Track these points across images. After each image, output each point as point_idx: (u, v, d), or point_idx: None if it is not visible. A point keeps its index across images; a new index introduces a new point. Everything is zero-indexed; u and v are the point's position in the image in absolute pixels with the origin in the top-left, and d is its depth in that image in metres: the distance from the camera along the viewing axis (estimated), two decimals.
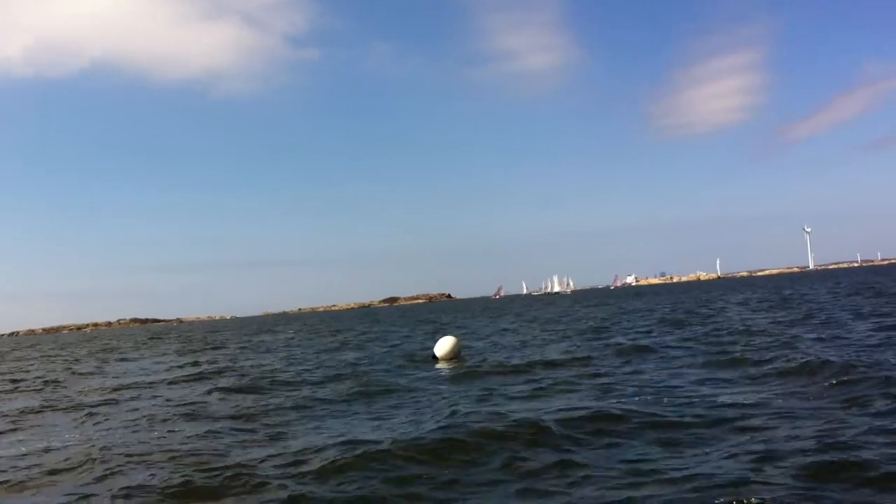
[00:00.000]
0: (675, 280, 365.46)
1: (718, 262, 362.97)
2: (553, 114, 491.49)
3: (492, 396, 15.81)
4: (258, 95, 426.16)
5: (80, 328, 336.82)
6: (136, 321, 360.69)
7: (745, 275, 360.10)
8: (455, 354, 25.53)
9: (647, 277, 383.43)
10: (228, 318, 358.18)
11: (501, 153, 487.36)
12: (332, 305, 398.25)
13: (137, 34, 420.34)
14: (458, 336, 29.22)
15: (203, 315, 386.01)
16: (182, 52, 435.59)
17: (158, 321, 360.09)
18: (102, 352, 58.11)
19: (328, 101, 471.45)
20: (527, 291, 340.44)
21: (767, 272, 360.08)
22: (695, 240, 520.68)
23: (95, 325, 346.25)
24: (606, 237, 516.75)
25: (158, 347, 57.85)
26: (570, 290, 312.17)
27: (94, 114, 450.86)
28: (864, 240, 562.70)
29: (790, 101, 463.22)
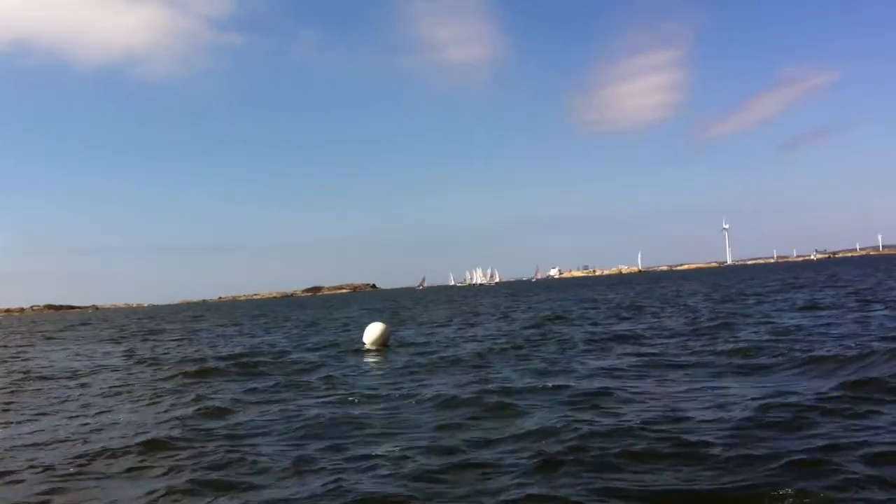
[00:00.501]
0: (598, 273, 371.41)
1: (640, 256, 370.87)
2: (478, 105, 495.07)
3: None
4: (179, 79, 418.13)
5: None
6: (51, 307, 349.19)
7: (666, 269, 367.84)
8: (384, 341, 25.61)
9: (571, 270, 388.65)
10: (146, 306, 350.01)
11: (426, 144, 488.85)
12: (254, 294, 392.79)
13: (55, 13, 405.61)
14: (387, 324, 29.13)
15: (120, 302, 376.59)
16: (101, 33, 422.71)
17: (73, 308, 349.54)
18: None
19: (251, 87, 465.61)
20: (453, 283, 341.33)
21: (687, 267, 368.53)
22: (617, 234, 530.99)
23: (8, 311, 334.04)
24: (529, 230, 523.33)
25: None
26: (495, 283, 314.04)
27: (8, 94, 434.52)
28: (780, 237, 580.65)
29: (710, 100, 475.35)
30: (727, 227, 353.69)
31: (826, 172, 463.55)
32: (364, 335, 26.22)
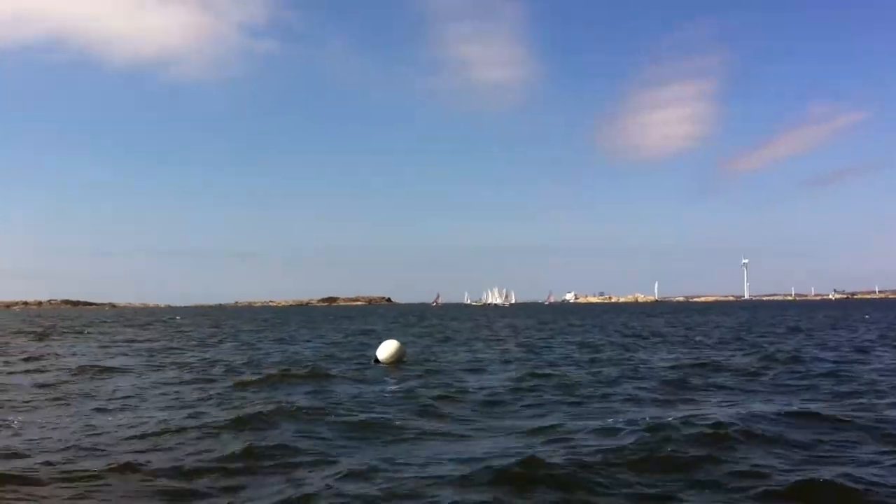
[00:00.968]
0: (614, 300, 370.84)
1: (657, 286, 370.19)
2: (504, 127, 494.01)
3: None
4: (211, 83, 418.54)
5: (9, 306, 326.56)
6: (68, 303, 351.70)
7: (682, 300, 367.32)
8: (398, 359, 26.00)
9: (587, 295, 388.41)
10: (163, 307, 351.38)
11: (449, 163, 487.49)
12: (270, 301, 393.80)
13: (89, 11, 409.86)
14: (403, 342, 29.24)
15: (136, 301, 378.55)
16: (135, 33, 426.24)
17: (90, 304, 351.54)
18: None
19: (278, 95, 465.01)
20: (468, 301, 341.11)
21: (704, 299, 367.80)
22: (635, 262, 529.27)
23: (25, 304, 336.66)
24: (547, 253, 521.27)
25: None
26: (509, 304, 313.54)
27: (41, 89, 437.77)
28: (799, 274, 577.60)
29: (736, 134, 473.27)
30: (746, 262, 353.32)
31: (849, 212, 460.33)
32: (378, 351, 26.40)
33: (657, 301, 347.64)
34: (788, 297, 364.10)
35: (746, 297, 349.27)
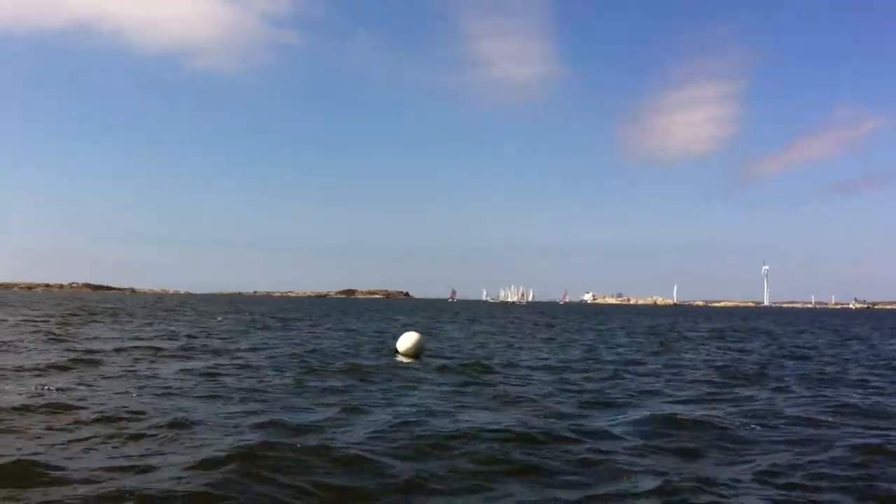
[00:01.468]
0: (632, 302, 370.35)
1: (676, 289, 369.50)
2: (527, 124, 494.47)
3: None
4: (234, 72, 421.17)
5: (31, 288, 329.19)
6: (89, 286, 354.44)
7: (701, 304, 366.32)
8: (417, 351, 25.97)
9: (605, 296, 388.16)
10: (182, 293, 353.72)
11: (471, 158, 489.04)
12: (288, 292, 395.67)
13: None
14: (422, 333, 29.32)
15: (156, 287, 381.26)
16: (161, 21, 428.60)
17: (111, 289, 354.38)
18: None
19: (302, 86, 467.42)
20: (486, 298, 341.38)
21: (723, 304, 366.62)
22: (653, 264, 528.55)
23: (47, 286, 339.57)
24: (565, 253, 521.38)
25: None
26: (525, 302, 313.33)
27: (67, 75, 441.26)
28: (820, 282, 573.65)
29: (761, 136, 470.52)
30: (767, 268, 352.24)
31: (873, 220, 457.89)
32: (398, 343, 26.51)
33: (676, 304, 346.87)
34: (808, 305, 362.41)
35: (766, 304, 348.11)
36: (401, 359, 24.41)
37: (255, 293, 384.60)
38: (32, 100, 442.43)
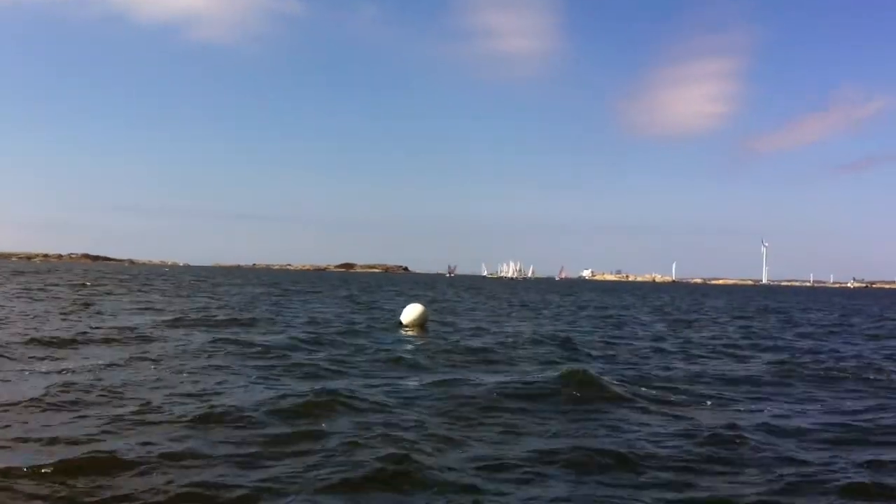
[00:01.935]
0: (631, 279, 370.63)
1: (674, 266, 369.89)
2: (527, 98, 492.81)
3: None
4: (235, 43, 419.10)
5: (31, 258, 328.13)
6: (87, 257, 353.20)
7: (700, 282, 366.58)
8: (421, 323, 26.24)
9: (603, 273, 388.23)
10: (181, 265, 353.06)
11: (468, 131, 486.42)
12: (287, 265, 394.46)
13: None
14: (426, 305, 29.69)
15: (155, 259, 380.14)
16: None
17: (110, 259, 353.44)
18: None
19: (305, 59, 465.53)
20: (485, 273, 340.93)
21: (722, 281, 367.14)
22: (653, 241, 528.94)
23: (45, 257, 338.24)
24: (563, 229, 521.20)
25: None
26: (522, 278, 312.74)
27: (65, 43, 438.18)
28: (818, 261, 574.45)
29: (762, 114, 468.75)
30: (767, 246, 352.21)
31: (873, 200, 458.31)
32: (402, 315, 26.67)
33: (674, 282, 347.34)
34: (807, 284, 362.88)
35: (765, 282, 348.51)
36: (406, 330, 24.73)
37: (255, 265, 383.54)
38: (29, 70, 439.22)
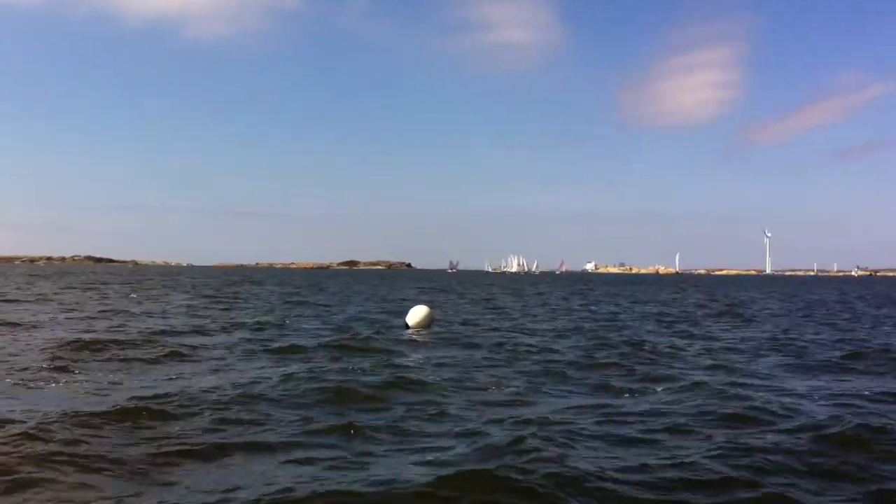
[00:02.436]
0: (634, 271, 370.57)
1: (678, 258, 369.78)
2: (526, 91, 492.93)
3: None
4: (231, 39, 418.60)
5: (34, 261, 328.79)
6: (91, 259, 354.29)
7: (704, 272, 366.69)
8: (428, 324, 26.24)
9: (606, 266, 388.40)
10: (185, 265, 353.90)
11: (468, 125, 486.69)
12: (291, 263, 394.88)
13: None
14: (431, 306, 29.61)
15: (158, 259, 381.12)
16: None
17: (113, 261, 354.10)
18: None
19: (303, 54, 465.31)
20: (488, 269, 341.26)
21: (726, 272, 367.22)
22: (656, 233, 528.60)
23: (49, 260, 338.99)
24: (565, 221, 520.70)
25: None
26: (524, 272, 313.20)
27: (60, 44, 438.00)
28: (822, 249, 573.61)
29: (763, 102, 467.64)
30: (769, 236, 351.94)
31: (876, 187, 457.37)
32: (408, 317, 26.44)
33: (678, 273, 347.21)
34: (810, 273, 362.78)
35: (768, 272, 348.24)
36: (412, 332, 24.60)
37: (258, 265, 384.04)
38: (23, 72, 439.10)
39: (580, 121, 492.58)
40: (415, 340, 21.74)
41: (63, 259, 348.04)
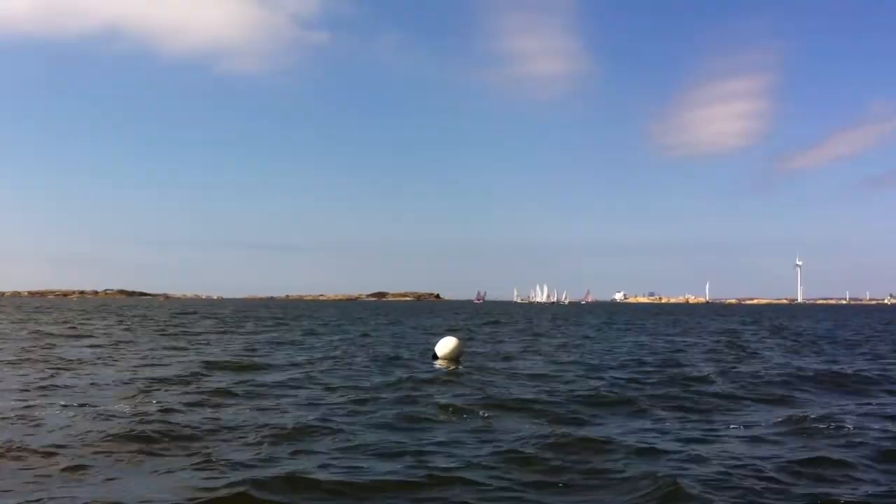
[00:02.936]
0: (664, 301, 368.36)
1: (708, 287, 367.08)
2: (554, 121, 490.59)
3: None
4: (263, 74, 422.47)
5: (67, 294, 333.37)
6: (123, 293, 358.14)
7: (734, 302, 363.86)
8: (456, 356, 26.03)
9: (636, 296, 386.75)
10: (216, 298, 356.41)
11: (496, 156, 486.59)
12: (320, 295, 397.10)
13: (146, 2, 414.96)
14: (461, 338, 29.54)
15: (189, 292, 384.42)
16: (188, 24, 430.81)
17: (145, 294, 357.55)
18: None
19: (333, 87, 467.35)
20: (517, 299, 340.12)
21: (756, 301, 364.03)
22: (685, 262, 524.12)
23: (81, 293, 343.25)
24: (595, 251, 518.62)
25: None
26: (552, 301, 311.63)
27: (97, 79, 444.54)
28: (853, 278, 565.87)
29: (793, 131, 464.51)
30: (800, 264, 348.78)
31: None
32: (437, 348, 26.25)
33: (708, 302, 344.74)
34: (843, 301, 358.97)
35: (800, 301, 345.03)
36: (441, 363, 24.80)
37: (287, 297, 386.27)
38: (61, 107, 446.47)
39: (608, 151, 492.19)
40: None
41: (95, 293, 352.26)
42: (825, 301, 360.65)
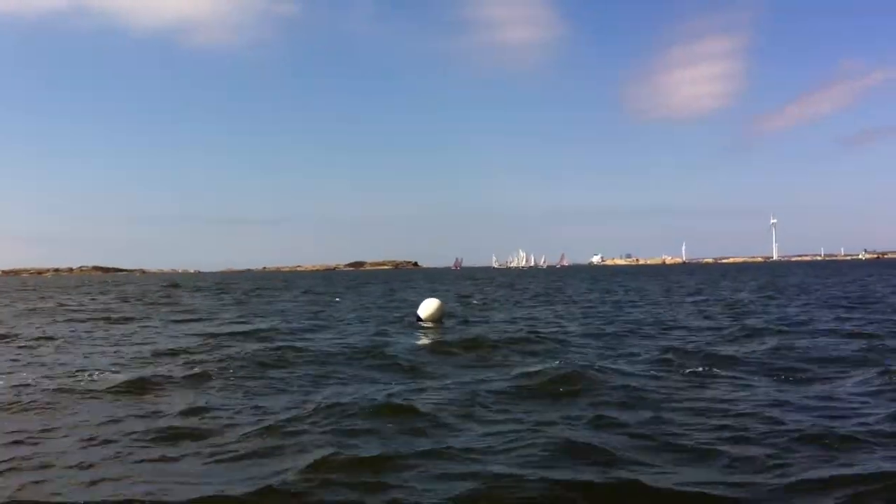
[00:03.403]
0: (641, 262, 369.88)
1: (684, 247, 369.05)
2: (529, 88, 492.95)
3: None
4: (233, 47, 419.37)
5: (41, 273, 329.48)
6: (98, 269, 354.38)
7: (711, 261, 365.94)
8: (439, 317, 26.39)
9: (613, 258, 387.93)
10: (192, 272, 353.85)
11: (474, 124, 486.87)
12: (297, 266, 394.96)
13: None
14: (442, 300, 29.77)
15: (165, 268, 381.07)
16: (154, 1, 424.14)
17: (121, 270, 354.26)
18: None
19: (305, 59, 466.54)
20: (496, 265, 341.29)
21: (732, 260, 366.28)
22: (661, 224, 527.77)
23: (56, 271, 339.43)
24: (572, 216, 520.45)
25: None
26: (529, 266, 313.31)
27: (66, 56, 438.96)
28: (828, 235, 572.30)
29: (767, 92, 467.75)
30: (775, 222, 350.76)
31: (881, 171, 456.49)
32: (420, 310, 26.60)
33: (685, 263, 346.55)
34: (818, 258, 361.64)
35: (775, 258, 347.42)
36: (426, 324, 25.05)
37: (265, 269, 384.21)
38: (28, 85, 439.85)
39: (585, 116, 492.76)
40: None
41: (71, 270, 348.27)
42: (800, 258, 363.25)
